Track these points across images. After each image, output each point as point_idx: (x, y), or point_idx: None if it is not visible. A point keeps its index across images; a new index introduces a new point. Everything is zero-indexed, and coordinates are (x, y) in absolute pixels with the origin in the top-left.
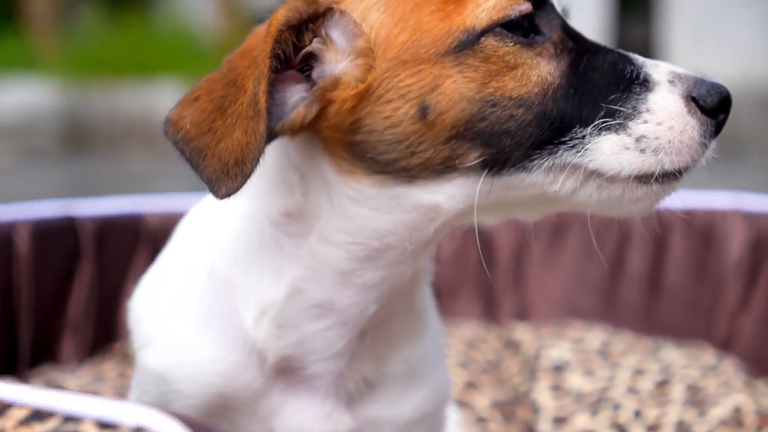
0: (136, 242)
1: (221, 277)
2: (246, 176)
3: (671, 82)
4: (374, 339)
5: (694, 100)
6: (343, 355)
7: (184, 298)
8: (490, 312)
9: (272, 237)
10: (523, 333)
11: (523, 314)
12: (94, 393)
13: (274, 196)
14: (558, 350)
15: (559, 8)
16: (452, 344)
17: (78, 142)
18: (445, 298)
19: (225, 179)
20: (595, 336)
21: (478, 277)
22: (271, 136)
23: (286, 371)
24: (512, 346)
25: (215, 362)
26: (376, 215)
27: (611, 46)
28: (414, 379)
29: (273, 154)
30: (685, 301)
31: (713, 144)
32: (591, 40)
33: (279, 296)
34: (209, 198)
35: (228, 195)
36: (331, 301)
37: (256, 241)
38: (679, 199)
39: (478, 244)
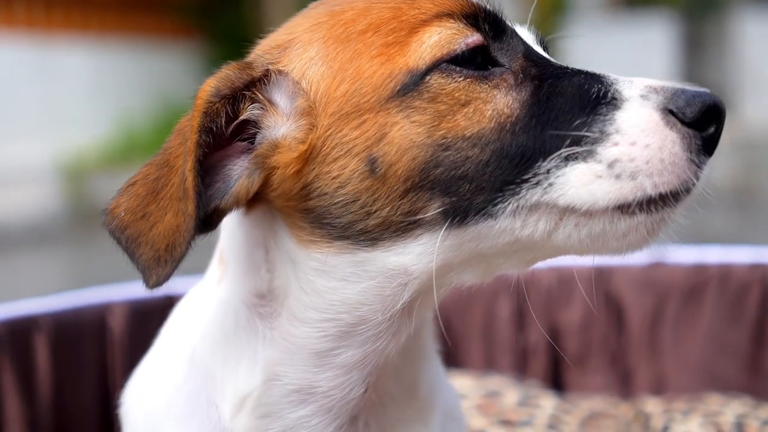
0: None
1: (200, 367)
2: (176, 261)
3: (644, 96)
4: (368, 425)
5: (672, 113)
6: None
7: (165, 390)
8: (622, 383)
9: (247, 320)
10: (654, 406)
11: (659, 384)
12: None
13: (246, 276)
14: (686, 425)
15: (530, 37)
16: (567, 421)
17: None
18: (573, 370)
19: (156, 267)
20: (732, 409)
21: (609, 346)
22: (218, 214)
23: None
24: (641, 420)
25: None
26: (344, 286)
27: None
28: None
29: (241, 234)
30: None
31: (709, 162)
32: (558, 64)
33: (256, 384)
34: (198, 285)
35: (158, 284)
36: (310, 385)
37: (231, 326)
38: None
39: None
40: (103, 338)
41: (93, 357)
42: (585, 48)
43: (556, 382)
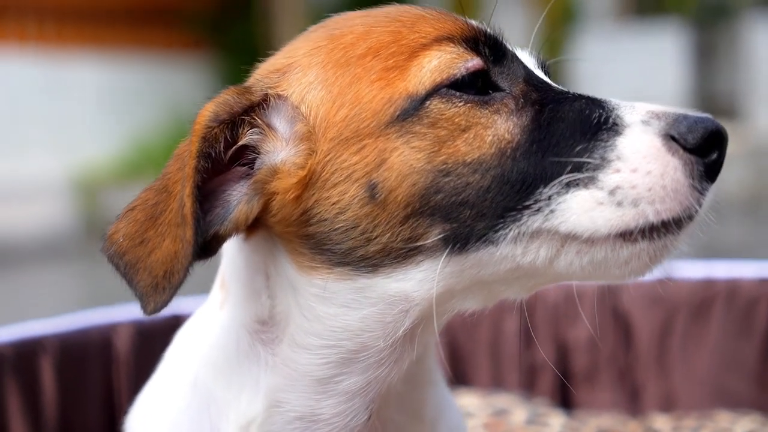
0: None
1: (203, 392)
2: (173, 288)
3: (645, 122)
4: None
5: (674, 139)
6: None
7: (169, 416)
8: (631, 400)
9: (249, 346)
10: (663, 423)
11: (668, 401)
12: None
13: (247, 302)
14: None
15: (531, 61)
16: None
17: None
18: (581, 387)
19: (154, 294)
20: (741, 426)
21: (617, 363)
22: (218, 240)
23: None
24: None
25: None
26: (345, 312)
27: None
28: None
29: (241, 259)
30: None
31: (712, 189)
32: (560, 89)
33: (258, 410)
34: (201, 308)
35: (156, 311)
36: (312, 412)
37: (233, 352)
38: None
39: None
40: (108, 359)
41: (99, 378)
42: (595, 57)
43: (564, 399)
